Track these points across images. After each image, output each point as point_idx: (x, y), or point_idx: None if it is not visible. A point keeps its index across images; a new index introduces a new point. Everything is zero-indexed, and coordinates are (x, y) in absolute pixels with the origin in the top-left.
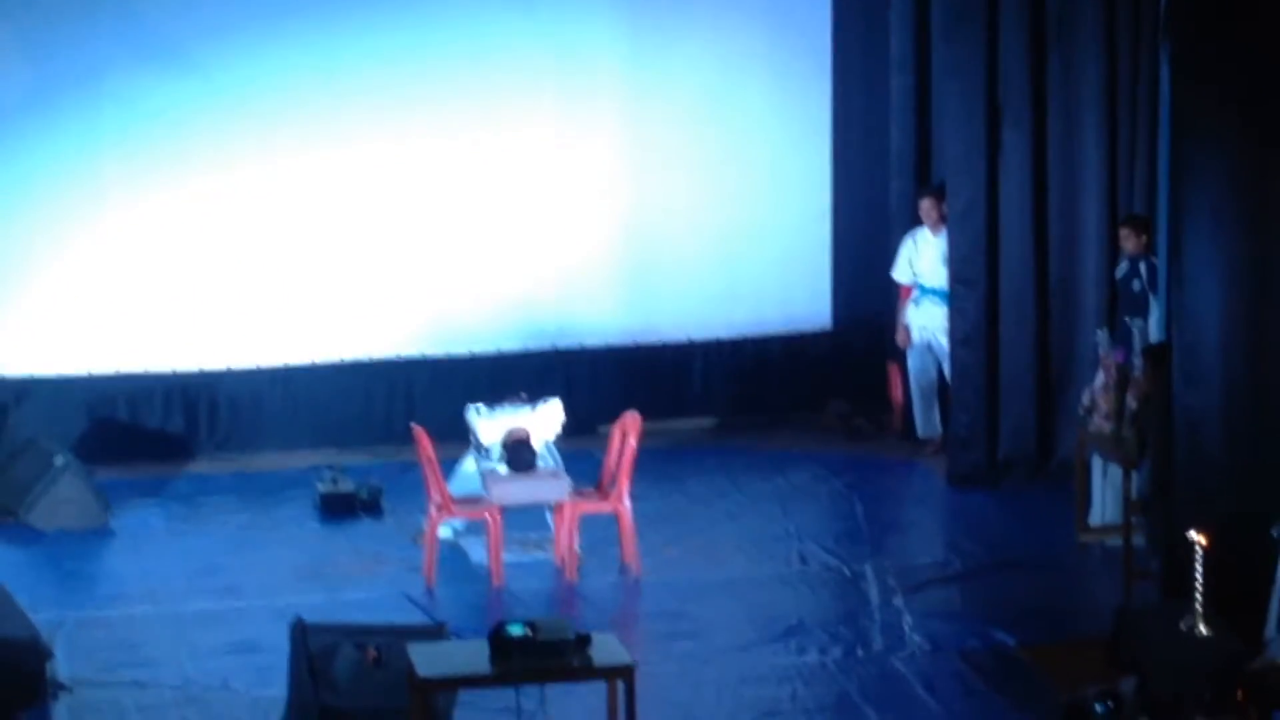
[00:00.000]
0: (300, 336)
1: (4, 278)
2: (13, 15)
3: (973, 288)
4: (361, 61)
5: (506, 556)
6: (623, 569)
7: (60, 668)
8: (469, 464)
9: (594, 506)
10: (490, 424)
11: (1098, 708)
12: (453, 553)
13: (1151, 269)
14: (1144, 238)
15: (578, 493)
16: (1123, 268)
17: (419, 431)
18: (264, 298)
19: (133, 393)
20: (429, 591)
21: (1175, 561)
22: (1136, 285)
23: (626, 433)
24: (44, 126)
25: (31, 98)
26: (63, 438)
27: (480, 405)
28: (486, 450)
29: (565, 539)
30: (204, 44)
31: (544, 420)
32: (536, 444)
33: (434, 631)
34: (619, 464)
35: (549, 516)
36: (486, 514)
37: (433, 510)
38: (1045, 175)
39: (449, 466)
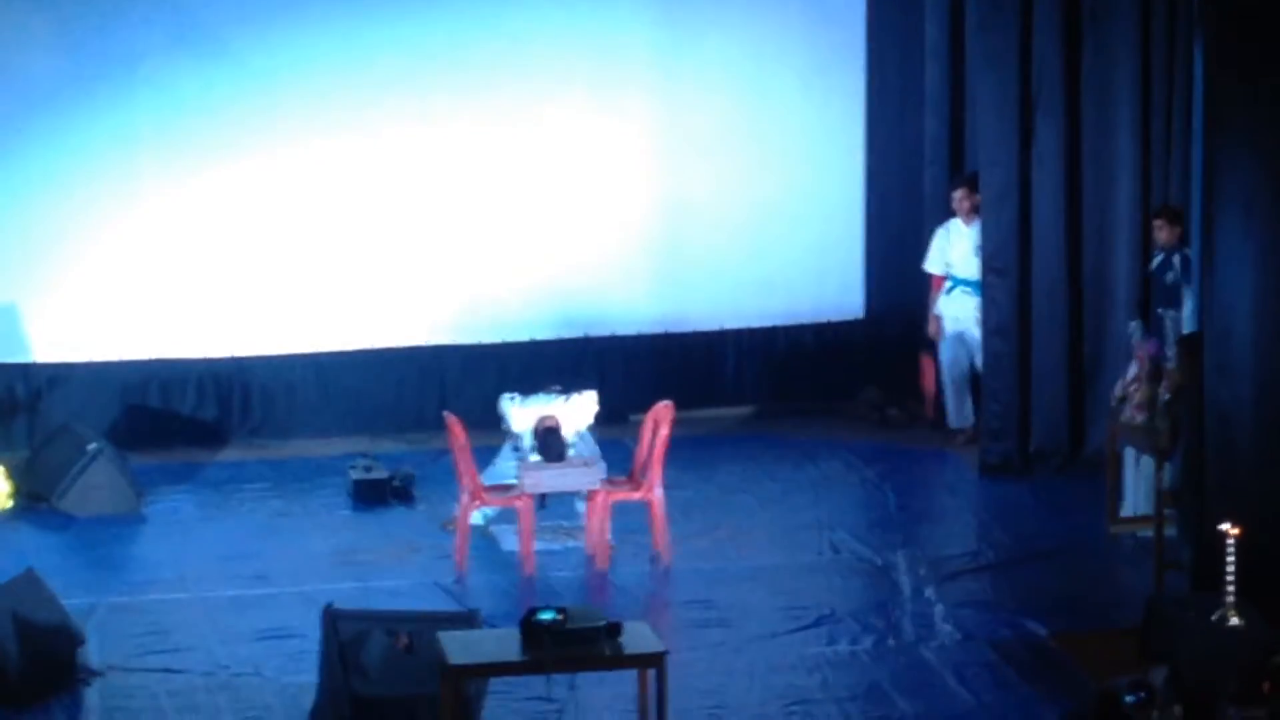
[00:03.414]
0: (333, 323)
1: (38, 264)
2: (50, 2)
3: (1005, 278)
4: (395, 49)
5: (537, 545)
6: (654, 558)
7: (92, 653)
8: (506, 458)
9: (626, 495)
10: (522, 412)
11: (1129, 698)
12: (484, 540)
13: (1185, 260)
14: (1178, 229)
15: (609, 481)
16: (1156, 259)
17: (452, 420)
18: (298, 284)
19: (166, 379)
20: (460, 579)
21: (1206, 553)
22: (1170, 277)
23: (659, 422)
24: (79, 113)
25: (67, 84)
26: (96, 424)
27: (515, 394)
28: (518, 438)
29: (597, 527)
30: (239, 31)
31: (577, 410)
32: (569, 433)
33: (465, 619)
34: (651, 453)
35: (580, 505)
36: (518, 502)
37: (464, 498)
38: (1079, 165)
39: (481, 454)
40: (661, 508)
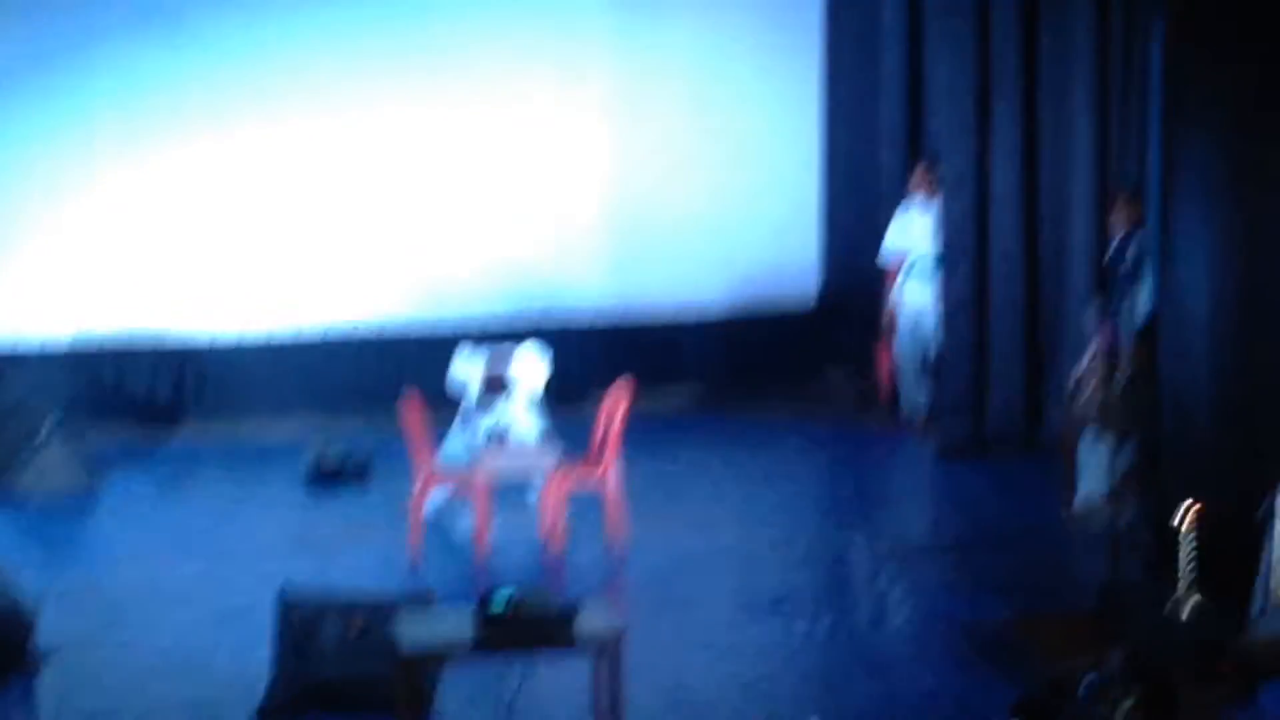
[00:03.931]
0: (291, 302)
1: None
2: None
3: (963, 259)
4: (355, 30)
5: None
6: (608, 541)
7: (45, 635)
8: (456, 436)
9: (581, 478)
10: (469, 365)
11: (1086, 679)
12: (439, 523)
13: (1142, 243)
14: (1136, 211)
15: (565, 463)
16: (1114, 242)
17: (409, 401)
18: (254, 263)
19: (121, 358)
20: (414, 563)
21: (1163, 535)
22: (1127, 259)
23: (616, 400)
24: (38, 91)
25: (26, 62)
26: (50, 402)
27: (467, 347)
28: (463, 390)
29: (553, 512)
30: (198, 9)
31: (528, 367)
32: (523, 397)
33: (420, 599)
34: (607, 434)
35: (532, 490)
36: (473, 486)
37: (419, 482)
38: (1036, 149)
39: (438, 434)
40: (617, 491)
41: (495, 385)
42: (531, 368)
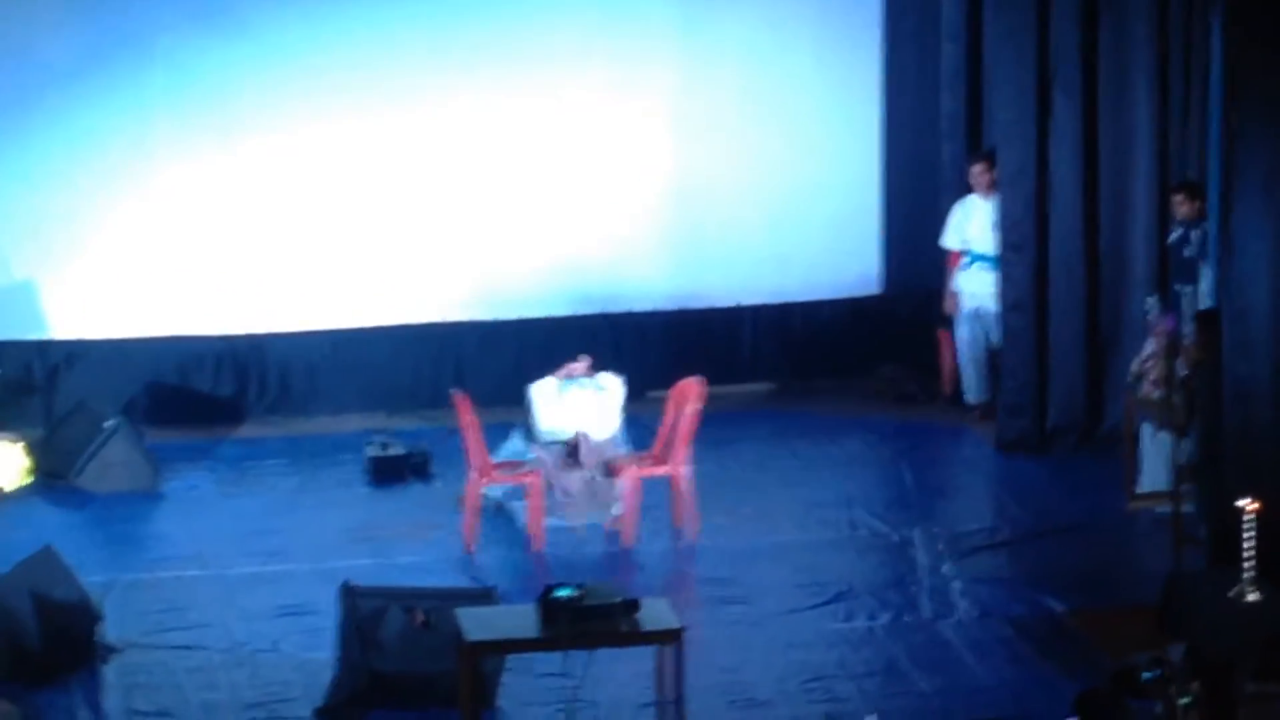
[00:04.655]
0: (351, 300)
1: (55, 241)
2: None
3: (1023, 253)
4: (413, 25)
5: (553, 521)
6: (677, 534)
7: (110, 630)
8: (516, 442)
9: (653, 471)
10: (554, 409)
11: (1146, 674)
12: (498, 517)
13: (1204, 235)
14: (1197, 204)
15: (635, 457)
16: (1175, 234)
17: (459, 397)
18: (314, 261)
19: (183, 356)
20: (468, 556)
21: (1224, 528)
22: (1187, 252)
23: (686, 397)
24: (94, 89)
25: (82, 61)
26: (113, 401)
27: (548, 380)
28: (535, 429)
29: (627, 504)
30: (255, 7)
31: (608, 403)
32: (607, 431)
33: (482, 595)
34: (676, 429)
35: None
36: (527, 479)
37: (472, 475)
38: (1096, 141)
39: (498, 431)
40: (688, 484)
41: (574, 452)
42: (612, 402)
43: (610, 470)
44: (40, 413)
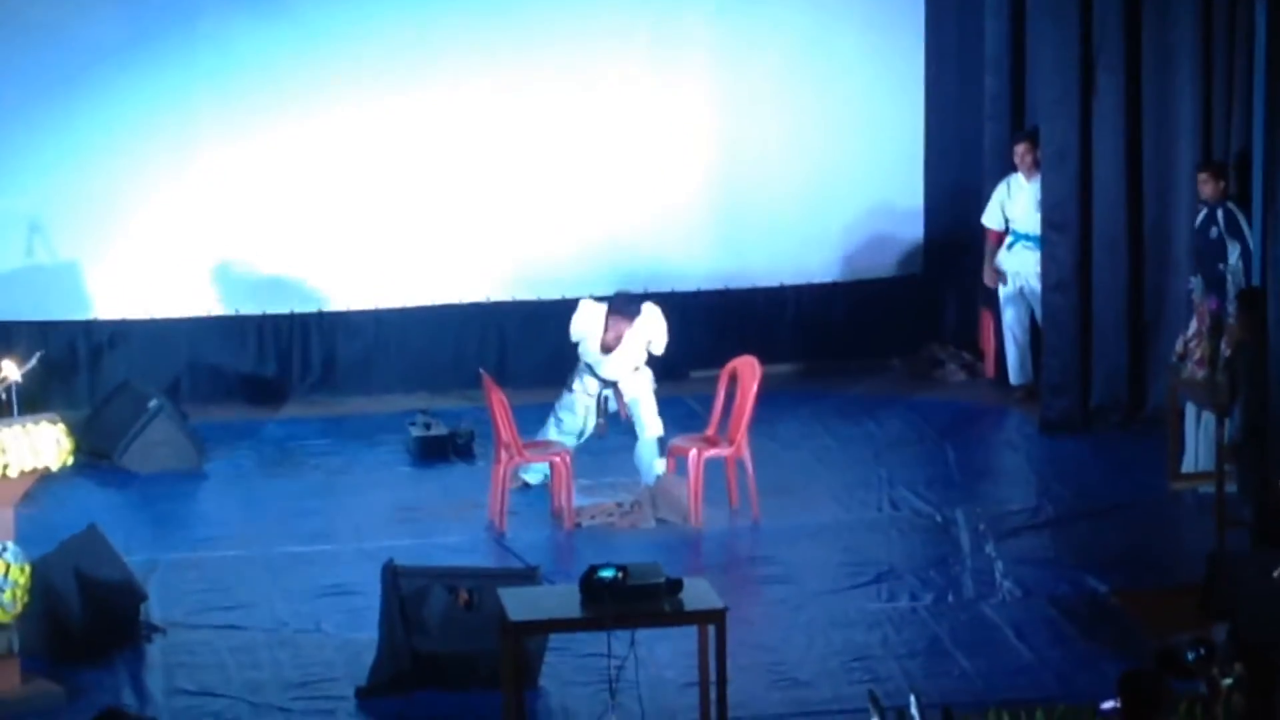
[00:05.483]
0: (394, 280)
1: (99, 221)
2: None
3: (1066, 233)
4: (459, 3)
5: (593, 500)
6: (734, 514)
7: (154, 610)
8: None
9: (717, 452)
10: (590, 317)
11: (1189, 655)
12: (540, 497)
13: (1229, 215)
14: (1222, 183)
15: (699, 438)
16: (1201, 214)
17: (487, 379)
18: (359, 241)
19: (226, 336)
20: (500, 535)
21: (1268, 508)
22: (1214, 232)
23: (740, 377)
24: (138, 71)
25: (125, 42)
26: (156, 381)
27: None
28: (580, 339)
29: (693, 486)
30: None
31: (647, 327)
32: (638, 347)
33: (526, 575)
34: (734, 409)
35: (659, 467)
36: (555, 458)
37: (503, 455)
38: (1139, 120)
39: (538, 412)
40: (751, 466)
41: (611, 344)
42: (652, 326)
43: (669, 452)
44: (84, 393)
